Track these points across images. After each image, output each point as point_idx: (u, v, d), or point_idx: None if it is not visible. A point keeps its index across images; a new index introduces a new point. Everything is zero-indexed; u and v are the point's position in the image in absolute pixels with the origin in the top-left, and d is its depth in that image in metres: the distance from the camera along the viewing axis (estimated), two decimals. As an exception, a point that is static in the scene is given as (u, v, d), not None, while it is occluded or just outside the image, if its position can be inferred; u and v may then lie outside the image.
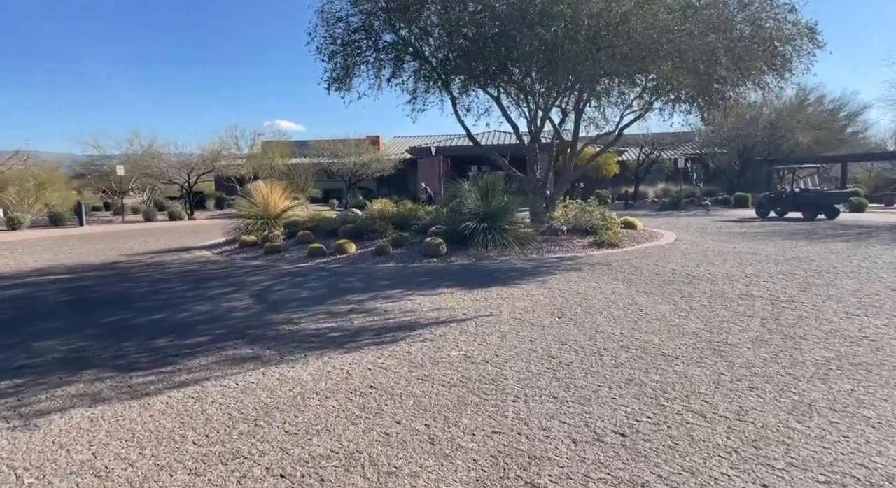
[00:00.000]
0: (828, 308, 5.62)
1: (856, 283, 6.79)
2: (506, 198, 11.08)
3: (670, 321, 5.24)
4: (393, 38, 9.91)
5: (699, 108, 11.86)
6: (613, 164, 34.34)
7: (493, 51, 8.66)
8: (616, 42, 7.54)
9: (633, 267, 8.41)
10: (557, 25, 7.52)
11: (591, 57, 7.52)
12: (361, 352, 4.26)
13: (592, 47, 7.52)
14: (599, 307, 5.85)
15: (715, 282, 7.11)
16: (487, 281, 7.48)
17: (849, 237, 11.99)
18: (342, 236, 10.65)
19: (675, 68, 7.79)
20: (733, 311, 5.56)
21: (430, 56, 10.02)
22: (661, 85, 10.45)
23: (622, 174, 33.76)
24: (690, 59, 7.76)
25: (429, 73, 10.24)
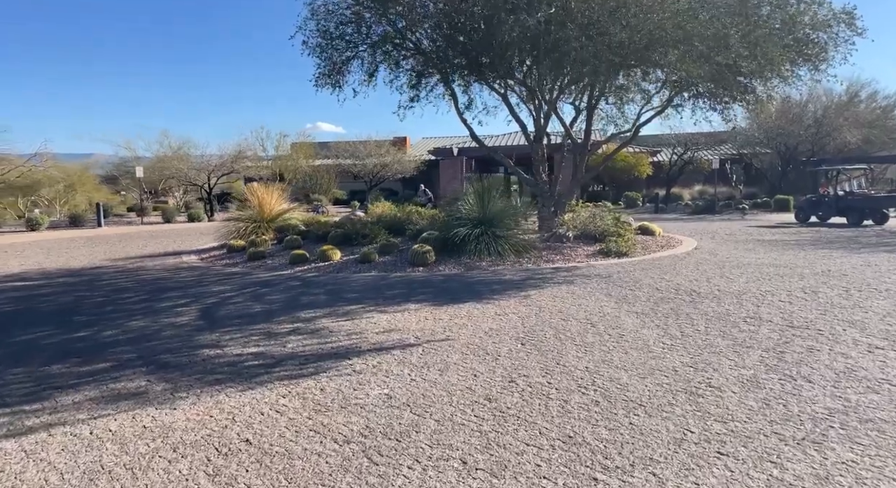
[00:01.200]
0: (847, 338, 4.71)
1: (890, 306, 5.80)
2: (502, 202, 10.38)
3: (651, 352, 4.47)
4: (384, 30, 9.30)
5: (718, 104, 10.84)
6: (646, 165, 32.91)
7: (479, 40, 7.96)
8: (612, 29, 6.73)
9: (634, 280, 7.58)
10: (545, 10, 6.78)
11: (581, 45, 6.73)
12: (268, 387, 3.69)
13: (582, 35, 6.73)
14: (575, 331, 5.11)
15: (721, 301, 6.24)
16: (465, 295, 6.82)
17: (894, 247, 10.71)
18: (331, 242, 10.17)
19: (682, 58, 6.92)
20: (731, 340, 4.73)
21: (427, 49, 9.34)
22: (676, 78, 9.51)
23: (656, 175, 32.31)
24: (699, 47, 6.87)
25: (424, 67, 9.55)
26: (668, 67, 7.69)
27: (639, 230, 12.85)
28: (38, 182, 26.54)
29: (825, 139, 27.58)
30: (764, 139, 30.36)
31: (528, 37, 7.08)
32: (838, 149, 28.21)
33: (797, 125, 27.78)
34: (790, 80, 11.10)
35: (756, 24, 7.18)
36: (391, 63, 9.75)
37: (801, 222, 18.13)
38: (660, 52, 6.92)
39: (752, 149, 31.94)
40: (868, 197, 17.53)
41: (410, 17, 8.59)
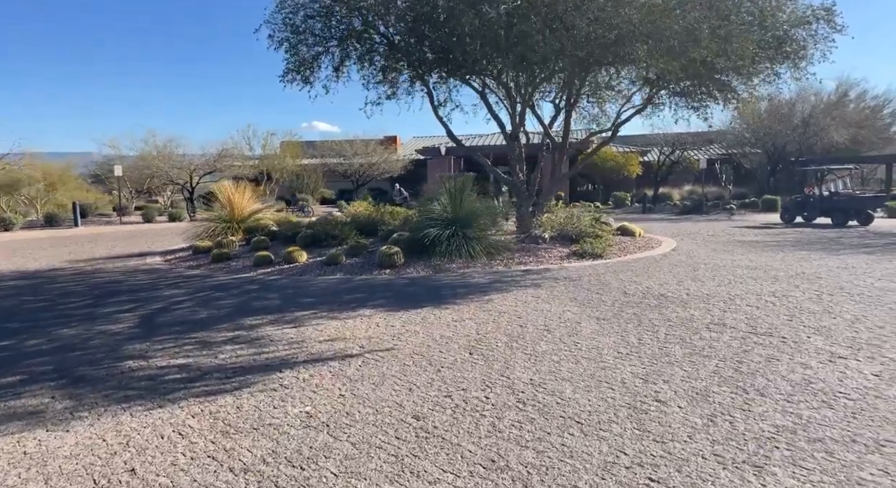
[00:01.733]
0: (811, 346, 4.49)
1: (860, 311, 5.59)
2: (476, 202, 10.15)
3: (604, 361, 4.23)
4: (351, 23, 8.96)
5: (694, 102, 10.65)
6: (635, 165, 32.78)
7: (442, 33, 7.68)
8: (578, 23, 6.48)
9: (603, 283, 7.35)
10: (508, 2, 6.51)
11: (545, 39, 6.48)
12: (180, 405, 3.42)
13: (546, 28, 6.48)
14: (529, 338, 4.87)
15: (688, 305, 6.02)
16: (426, 299, 6.57)
17: (874, 249, 10.54)
18: (300, 243, 9.90)
19: (652, 53, 6.68)
20: (690, 349, 4.50)
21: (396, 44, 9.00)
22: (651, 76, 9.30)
23: (647, 175, 32.17)
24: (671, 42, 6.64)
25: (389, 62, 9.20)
26: (639, 63, 7.46)
27: (618, 231, 12.63)
28: (17, 181, 26.10)
29: (812, 139, 27.51)
30: (752, 139, 30.30)
31: (489, 29, 6.82)
32: (826, 149, 28.15)
33: (785, 125, 27.70)
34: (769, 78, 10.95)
35: (727, 19, 6.94)
36: (361, 58, 9.43)
37: (787, 223, 17.99)
38: (628, 48, 6.68)
39: (741, 149, 31.88)
40: (853, 197, 17.41)
41: (376, 9, 8.29)
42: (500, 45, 6.93)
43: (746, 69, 8.02)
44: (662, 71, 7.22)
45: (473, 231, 9.50)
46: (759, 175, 31.71)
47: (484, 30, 6.85)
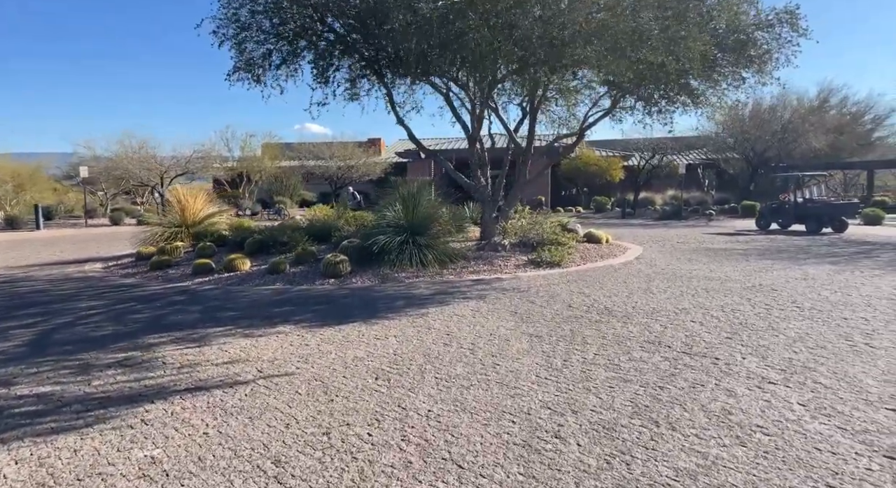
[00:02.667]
0: (743, 369, 4.18)
1: (805, 328, 5.30)
2: (434, 207, 9.82)
3: (517, 388, 3.89)
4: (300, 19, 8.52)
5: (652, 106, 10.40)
6: (618, 170, 32.69)
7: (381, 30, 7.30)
8: (521, 22, 6.16)
9: (551, 295, 7.03)
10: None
11: (481, 37, 6.14)
12: (10, 448, 3.00)
13: (484, 25, 6.15)
14: (448, 359, 4.52)
15: (629, 321, 5.70)
16: (358, 313, 6.20)
17: (840, 258, 10.32)
18: (247, 250, 9.49)
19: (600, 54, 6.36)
20: (614, 372, 4.17)
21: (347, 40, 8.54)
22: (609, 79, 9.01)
23: (631, 180, 32.01)
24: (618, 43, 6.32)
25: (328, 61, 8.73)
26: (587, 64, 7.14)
27: (585, 238, 12.36)
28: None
29: (791, 145, 27.50)
30: (734, 144, 30.26)
31: (423, 27, 6.48)
32: (805, 155, 28.15)
33: (764, 130, 27.66)
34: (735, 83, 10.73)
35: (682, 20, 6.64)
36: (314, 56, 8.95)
37: (762, 229, 17.82)
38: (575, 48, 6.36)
39: (723, 155, 31.86)
40: (827, 204, 17.28)
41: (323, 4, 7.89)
42: (434, 42, 6.58)
43: (696, 71, 7.74)
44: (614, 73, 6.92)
45: (427, 238, 9.16)
46: (740, 180, 31.70)
47: (417, 27, 6.49)
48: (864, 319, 5.58)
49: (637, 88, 9.46)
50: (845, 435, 3.10)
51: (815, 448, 2.96)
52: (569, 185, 35.93)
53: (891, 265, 9.19)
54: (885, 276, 8.02)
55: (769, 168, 29.26)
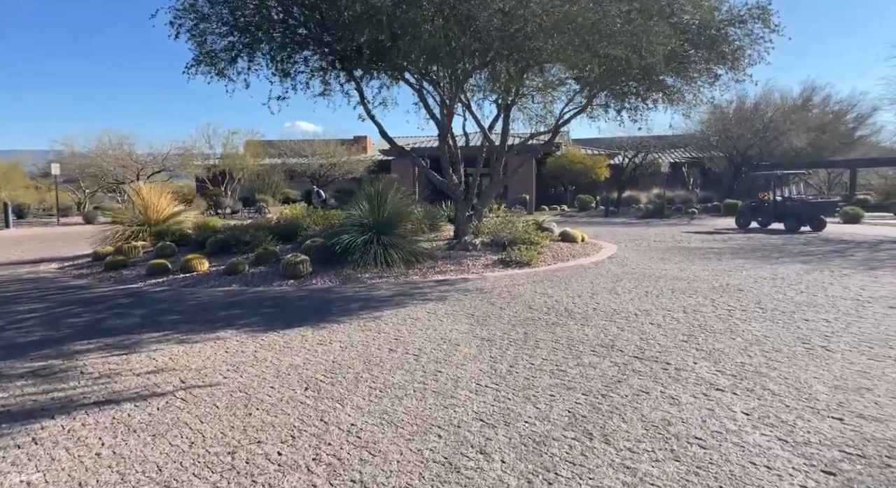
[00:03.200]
0: (692, 375, 4.01)
1: (765, 330, 5.15)
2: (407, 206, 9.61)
3: (454, 397, 3.69)
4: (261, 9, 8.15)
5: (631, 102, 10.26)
6: (604, 168, 32.64)
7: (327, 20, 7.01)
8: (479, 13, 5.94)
9: (514, 296, 6.84)
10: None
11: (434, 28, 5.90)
12: None
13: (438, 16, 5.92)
14: (389, 366, 4.31)
15: (587, 322, 5.52)
16: (309, 316, 5.96)
17: (813, 257, 10.24)
18: (209, 249, 9.21)
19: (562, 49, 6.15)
20: (559, 379, 3.98)
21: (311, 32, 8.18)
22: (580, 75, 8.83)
23: (616, 178, 31.96)
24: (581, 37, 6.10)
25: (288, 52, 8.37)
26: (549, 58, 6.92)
27: (559, 237, 12.20)
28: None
29: (773, 143, 27.59)
30: (717, 142, 30.31)
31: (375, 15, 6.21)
32: (785, 153, 28.26)
33: (746, 128, 27.72)
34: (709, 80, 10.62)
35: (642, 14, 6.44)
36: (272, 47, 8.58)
37: (742, 228, 17.79)
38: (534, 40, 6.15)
39: (707, 153, 31.92)
40: (805, 203, 17.25)
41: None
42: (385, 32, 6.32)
43: (660, 67, 7.56)
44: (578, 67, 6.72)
45: (394, 237, 8.94)
46: (724, 179, 31.77)
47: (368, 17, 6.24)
48: (826, 321, 5.44)
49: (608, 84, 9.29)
50: (785, 448, 2.93)
51: (750, 462, 2.79)
52: (555, 184, 35.83)
53: (862, 264, 9.11)
54: (854, 276, 7.93)
55: (752, 166, 29.33)
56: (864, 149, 35.41)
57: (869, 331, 5.05)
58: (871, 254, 10.30)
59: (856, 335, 4.93)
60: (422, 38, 6.12)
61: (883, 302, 6.19)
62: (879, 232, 15.26)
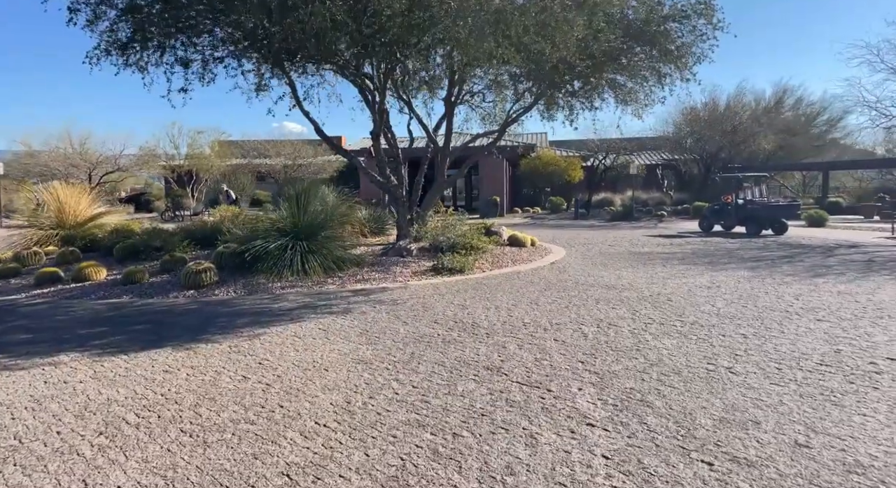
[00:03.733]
0: (568, 405, 3.50)
1: (673, 347, 4.68)
2: (332, 208, 9.04)
3: (276, 442, 3.14)
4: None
5: (570, 102, 9.84)
6: (578, 170, 32.35)
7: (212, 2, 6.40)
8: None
9: (425, 308, 6.32)
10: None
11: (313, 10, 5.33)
12: None
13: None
14: (227, 400, 3.75)
15: (488, 339, 5.01)
16: (180, 335, 5.36)
17: (761, 262, 9.88)
18: (116, 255, 8.55)
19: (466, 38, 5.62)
20: (415, 414, 3.45)
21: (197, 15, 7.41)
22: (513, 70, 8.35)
23: (591, 180, 31.68)
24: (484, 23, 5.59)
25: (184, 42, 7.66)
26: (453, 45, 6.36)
27: (507, 241, 11.73)
28: None
29: (741, 145, 27.50)
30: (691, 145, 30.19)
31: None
32: (753, 155, 28.20)
33: (714, 130, 27.60)
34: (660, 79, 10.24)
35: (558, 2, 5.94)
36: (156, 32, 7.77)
37: (705, 231, 17.49)
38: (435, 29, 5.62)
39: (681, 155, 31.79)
40: (766, 206, 17.00)
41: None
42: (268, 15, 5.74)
43: (574, 59, 7.07)
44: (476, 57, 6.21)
45: (316, 243, 8.35)
46: (697, 181, 31.68)
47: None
48: (744, 336, 5.00)
49: (549, 81, 8.84)
50: (630, 507, 2.43)
51: (579, 529, 2.28)
52: (529, 186, 35.51)
53: (808, 271, 8.75)
54: (793, 284, 7.54)
55: (724, 169, 29.26)
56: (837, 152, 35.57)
57: (784, 348, 4.61)
58: (822, 260, 9.98)
59: (768, 353, 4.48)
60: (301, 21, 5.55)
61: (812, 314, 5.77)
62: (840, 236, 15.04)
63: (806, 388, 3.72)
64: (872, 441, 2.96)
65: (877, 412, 3.33)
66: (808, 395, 3.60)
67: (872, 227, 17.76)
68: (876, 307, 6.03)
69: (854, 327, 5.22)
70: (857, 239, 14.13)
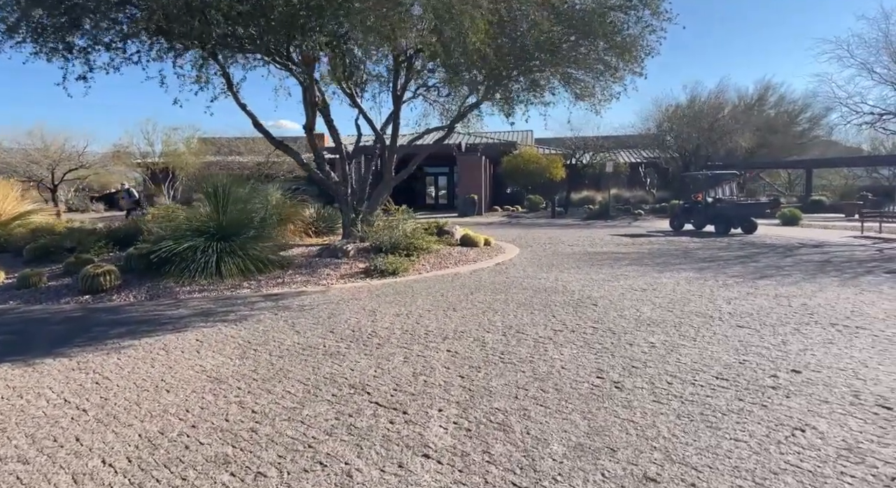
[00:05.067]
0: (415, 432, 3.06)
1: (569, 358, 4.25)
2: (253, 207, 8.57)
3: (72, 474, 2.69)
4: None
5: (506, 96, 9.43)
6: (559, 168, 31.96)
7: None
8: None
9: (331, 315, 5.86)
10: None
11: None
12: None
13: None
14: (25, 429, 3.29)
15: (376, 351, 4.57)
16: (37, 348, 4.84)
17: (714, 263, 9.50)
18: (27, 256, 8.05)
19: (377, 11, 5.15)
20: (231, 448, 3.01)
21: None
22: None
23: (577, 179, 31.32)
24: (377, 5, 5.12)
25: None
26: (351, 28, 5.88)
27: (458, 241, 11.29)
28: None
29: (718, 143, 27.20)
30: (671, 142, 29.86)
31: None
32: (731, 153, 27.90)
33: (692, 128, 27.28)
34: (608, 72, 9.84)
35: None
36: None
37: (675, 230, 17.14)
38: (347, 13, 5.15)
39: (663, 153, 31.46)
40: (735, 204, 16.66)
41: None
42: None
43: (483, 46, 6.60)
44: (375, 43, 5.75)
45: (237, 243, 7.87)
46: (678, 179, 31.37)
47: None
48: (651, 345, 4.58)
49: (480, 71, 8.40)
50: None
51: None
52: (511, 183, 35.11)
53: (756, 272, 8.37)
54: (733, 287, 7.14)
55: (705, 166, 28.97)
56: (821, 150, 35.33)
57: (688, 359, 4.19)
58: (777, 261, 9.60)
59: (668, 365, 4.06)
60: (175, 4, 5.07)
61: (735, 320, 5.37)
62: (808, 235, 14.71)
63: (688, 407, 3.30)
64: (732, 473, 2.54)
65: (752, 436, 2.91)
66: (685, 415, 3.19)
67: (847, 226, 17.46)
68: (807, 311, 5.64)
69: (773, 334, 4.81)
70: (824, 238, 13.81)
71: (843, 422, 3.06)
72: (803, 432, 2.96)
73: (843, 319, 5.28)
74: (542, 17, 7.02)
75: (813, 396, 3.43)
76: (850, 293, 6.55)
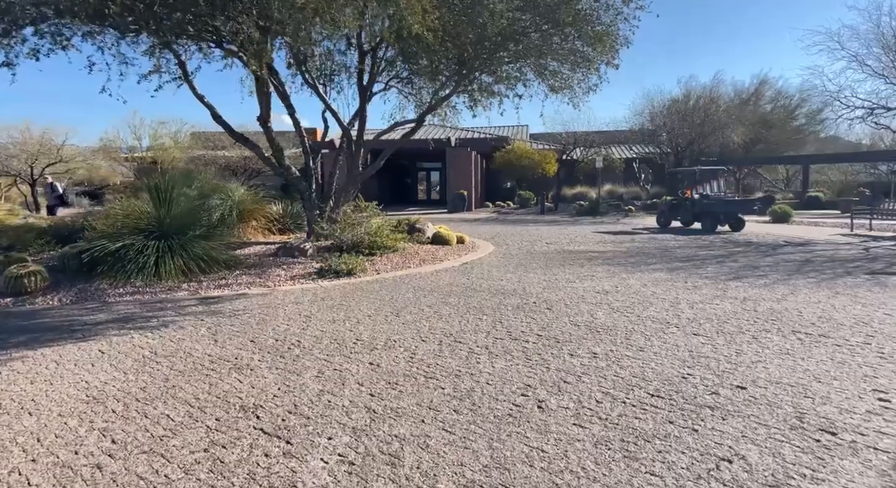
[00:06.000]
0: (283, 470, 2.63)
1: (500, 372, 3.81)
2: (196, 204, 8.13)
3: None
4: None
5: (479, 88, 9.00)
6: (552, 163, 31.50)
7: None
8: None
9: (260, 322, 5.42)
10: None
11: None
12: None
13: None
14: None
15: (293, 364, 4.13)
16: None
17: (690, 263, 9.06)
18: (-41, 258, 7.58)
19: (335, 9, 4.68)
20: (100, 476, 2.58)
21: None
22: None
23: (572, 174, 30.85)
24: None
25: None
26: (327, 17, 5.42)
27: (429, 239, 10.86)
28: None
29: (709, 138, 26.71)
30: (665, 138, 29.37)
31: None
32: (726, 148, 27.44)
33: (685, 123, 26.79)
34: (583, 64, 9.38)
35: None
36: None
37: (662, 227, 16.71)
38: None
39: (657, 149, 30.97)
40: (722, 201, 16.19)
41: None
42: None
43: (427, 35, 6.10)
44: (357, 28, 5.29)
45: (180, 242, 7.44)
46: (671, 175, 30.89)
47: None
48: (593, 356, 4.14)
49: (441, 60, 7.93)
50: None
51: None
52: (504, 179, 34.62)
53: (730, 273, 7.93)
54: (702, 288, 6.70)
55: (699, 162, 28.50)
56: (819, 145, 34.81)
57: (627, 372, 3.75)
58: (756, 260, 9.16)
59: (604, 380, 3.62)
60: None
61: (693, 327, 4.93)
62: (796, 232, 14.27)
63: (609, 432, 2.87)
64: (636, 530, 2.11)
65: (671, 469, 2.48)
66: (603, 443, 2.75)
67: (838, 223, 17.01)
68: (771, 317, 5.20)
69: (729, 343, 4.38)
70: (811, 236, 13.36)
71: (777, 451, 2.63)
72: (730, 464, 2.53)
73: (807, 326, 4.85)
74: (500, 4, 6.54)
75: (751, 418, 3.00)
76: (823, 296, 6.11)
